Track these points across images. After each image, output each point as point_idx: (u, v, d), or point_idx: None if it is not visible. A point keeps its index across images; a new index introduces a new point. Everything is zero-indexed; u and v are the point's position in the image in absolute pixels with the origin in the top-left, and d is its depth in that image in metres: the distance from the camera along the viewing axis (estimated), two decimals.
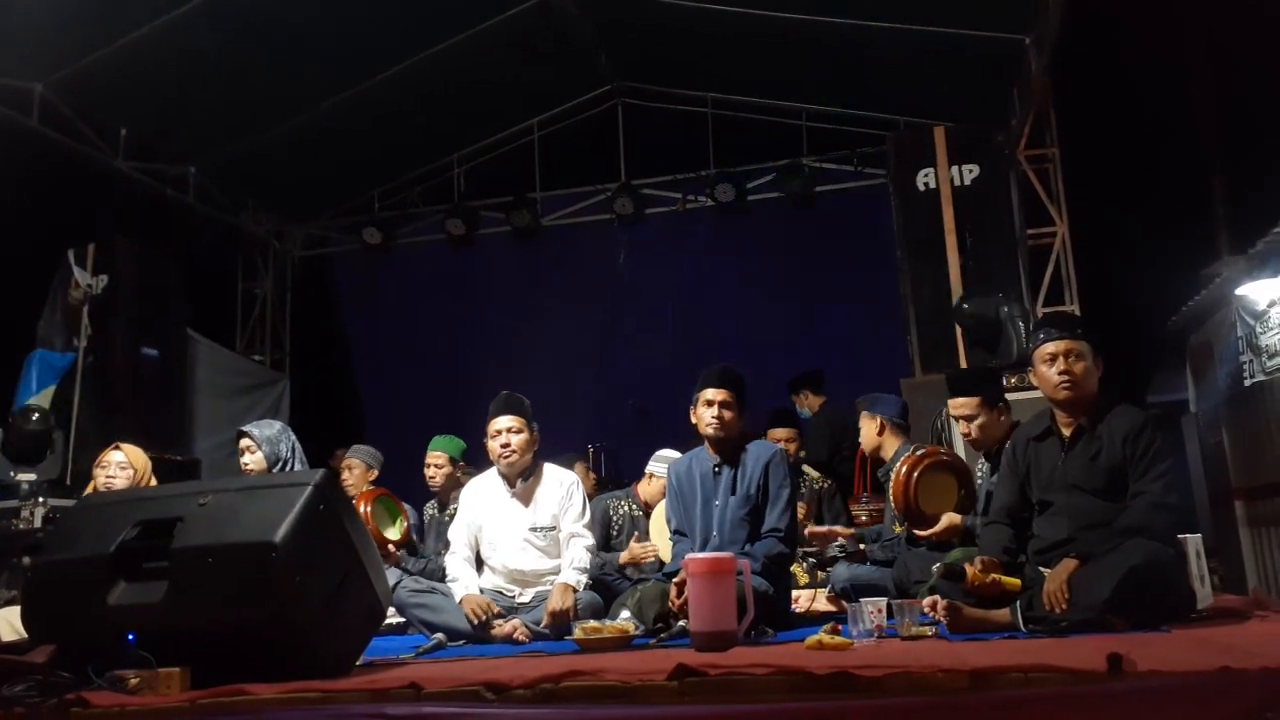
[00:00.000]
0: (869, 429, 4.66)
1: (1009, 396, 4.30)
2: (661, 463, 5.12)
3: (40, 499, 5.55)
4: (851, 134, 8.91)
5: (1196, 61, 7.13)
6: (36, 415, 6.01)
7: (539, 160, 9.43)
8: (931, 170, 6.90)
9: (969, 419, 4.07)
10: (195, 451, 7.84)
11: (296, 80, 7.61)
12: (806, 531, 4.83)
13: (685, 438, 4.66)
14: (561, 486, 4.27)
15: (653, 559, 4.61)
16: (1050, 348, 3.35)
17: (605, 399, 8.72)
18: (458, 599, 4.01)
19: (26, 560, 4.10)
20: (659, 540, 4.65)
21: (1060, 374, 3.32)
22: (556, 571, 4.15)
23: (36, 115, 6.99)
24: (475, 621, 3.87)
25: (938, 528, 4.02)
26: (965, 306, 6.12)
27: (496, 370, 8.64)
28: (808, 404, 7.04)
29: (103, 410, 6.97)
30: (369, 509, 4.71)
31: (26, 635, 2.83)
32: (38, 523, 5.31)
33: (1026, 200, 7.82)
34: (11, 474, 5.84)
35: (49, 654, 2.41)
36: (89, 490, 4.52)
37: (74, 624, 2.68)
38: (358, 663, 2.91)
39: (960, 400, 4.10)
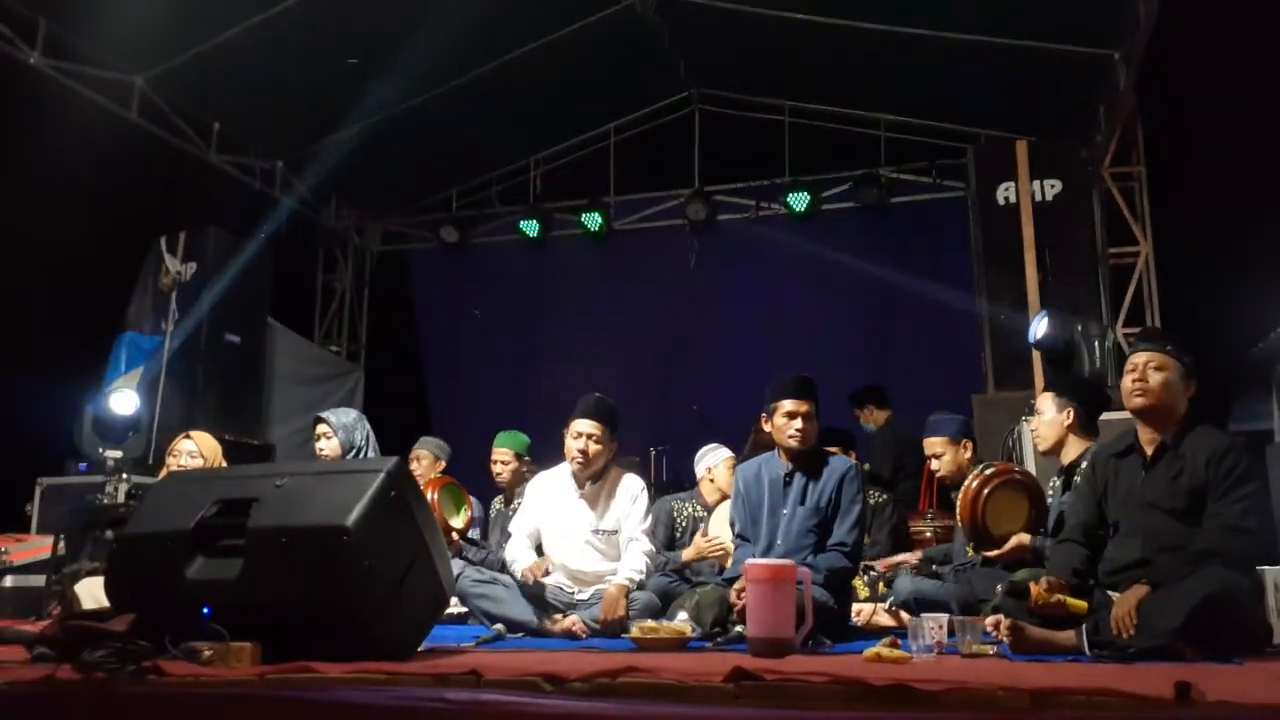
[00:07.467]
0: (955, 455, 4.57)
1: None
2: (710, 456, 5.11)
3: (124, 475, 5.77)
4: (930, 145, 8.81)
5: None
6: (125, 402, 6.26)
7: (614, 164, 9.51)
8: (1012, 184, 6.76)
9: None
10: (271, 436, 8.06)
11: (381, 80, 7.76)
12: (880, 565, 4.77)
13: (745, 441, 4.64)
14: (628, 492, 4.31)
15: (720, 553, 4.52)
16: (1133, 358, 3.37)
17: (670, 403, 8.73)
18: (519, 574, 4.11)
19: (110, 534, 4.26)
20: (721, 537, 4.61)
21: (1135, 382, 3.31)
22: (615, 572, 4.17)
23: (136, 108, 7.29)
24: (529, 580, 4.04)
25: (1005, 549, 3.96)
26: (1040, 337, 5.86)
27: (563, 370, 8.73)
28: (872, 419, 6.95)
29: (186, 393, 7.21)
30: (437, 495, 4.81)
31: (108, 604, 2.95)
32: (121, 498, 5.51)
33: (1109, 218, 7.64)
34: (101, 451, 6.08)
35: (129, 623, 2.49)
36: (162, 475, 4.68)
37: (153, 595, 2.78)
38: (419, 648, 2.97)
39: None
